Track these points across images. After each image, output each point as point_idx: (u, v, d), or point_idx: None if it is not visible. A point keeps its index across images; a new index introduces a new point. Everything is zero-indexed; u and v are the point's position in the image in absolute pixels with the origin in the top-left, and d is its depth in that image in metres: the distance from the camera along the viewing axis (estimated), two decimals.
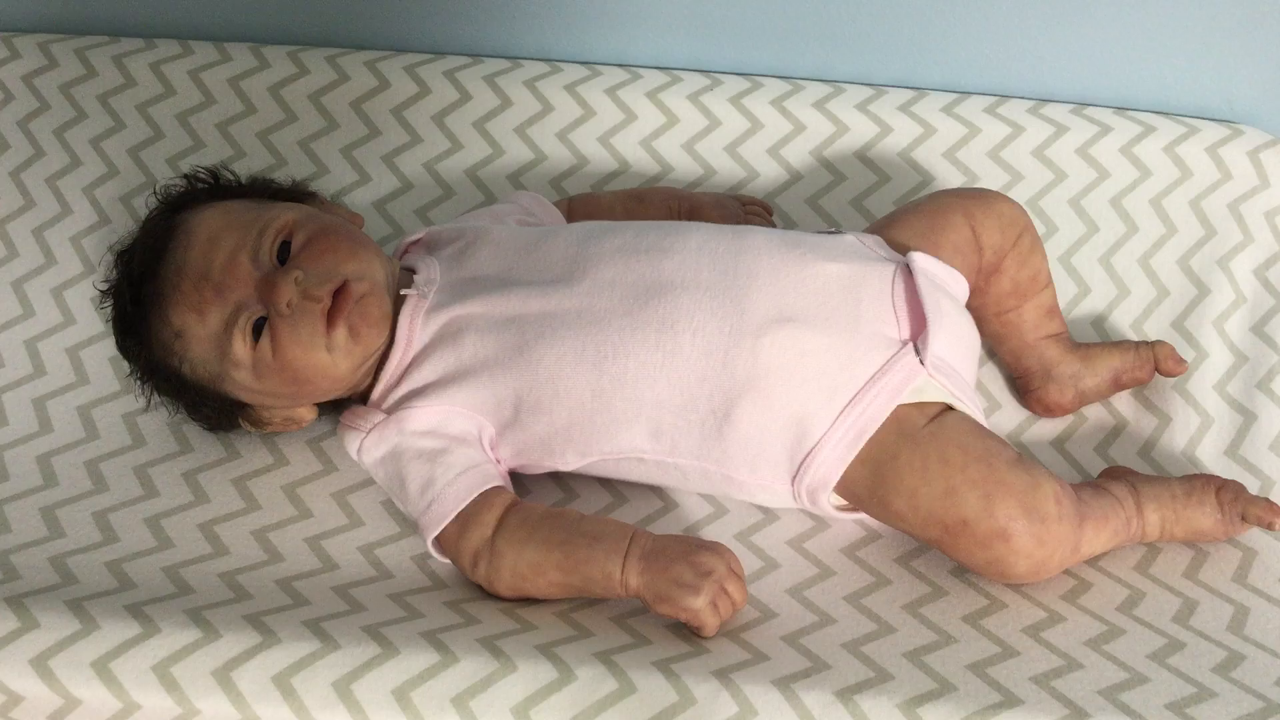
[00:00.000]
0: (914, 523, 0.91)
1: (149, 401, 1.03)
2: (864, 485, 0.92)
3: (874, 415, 0.91)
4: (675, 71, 1.23)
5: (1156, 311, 1.10)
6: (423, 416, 0.94)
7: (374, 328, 0.94)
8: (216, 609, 0.86)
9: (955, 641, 0.87)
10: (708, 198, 1.12)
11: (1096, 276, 1.12)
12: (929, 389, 0.92)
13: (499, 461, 0.96)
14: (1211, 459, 1.03)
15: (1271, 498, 0.99)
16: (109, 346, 1.06)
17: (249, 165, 1.17)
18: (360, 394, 0.99)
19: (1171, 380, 1.06)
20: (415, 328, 0.96)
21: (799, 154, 1.19)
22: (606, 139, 1.19)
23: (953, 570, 0.94)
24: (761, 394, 0.91)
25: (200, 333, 0.94)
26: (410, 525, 0.96)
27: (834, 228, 1.13)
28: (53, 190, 1.17)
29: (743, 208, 1.12)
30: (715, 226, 0.99)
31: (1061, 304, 1.07)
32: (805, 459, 0.92)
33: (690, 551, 0.87)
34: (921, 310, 0.93)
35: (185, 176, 1.05)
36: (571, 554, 0.88)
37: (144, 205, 1.07)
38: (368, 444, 0.95)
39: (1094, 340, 1.09)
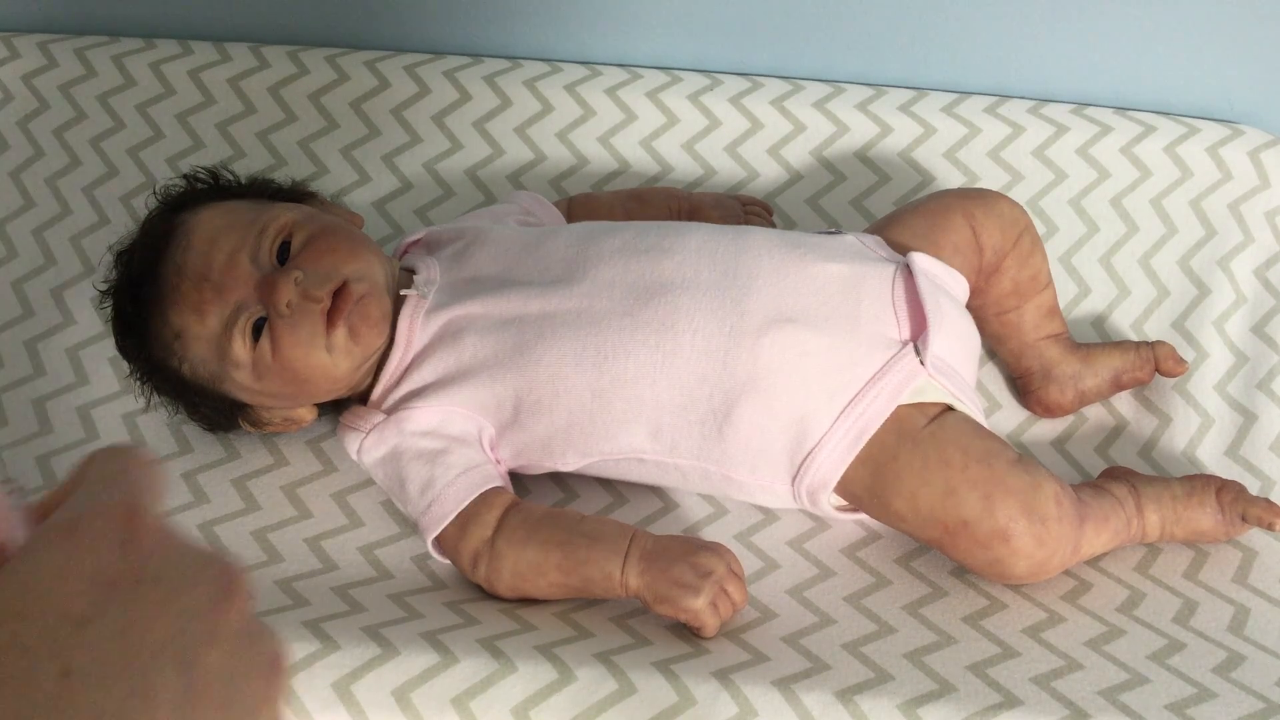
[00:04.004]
0: (914, 523, 0.91)
1: (149, 401, 1.03)
2: (864, 486, 0.92)
3: (874, 416, 0.91)
4: (675, 71, 1.23)
5: (1157, 311, 1.10)
6: (422, 417, 0.94)
7: (374, 328, 0.94)
8: None
9: (955, 642, 0.87)
10: (708, 198, 1.12)
11: (1096, 276, 1.12)
12: (929, 389, 0.92)
13: (499, 462, 0.96)
14: (1212, 459, 1.03)
15: (1272, 498, 0.99)
16: (109, 346, 1.06)
17: (249, 165, 1.17)
18: (360, 394, 0.99)
19: (1172, 380, 1.06)
20: (415, 328, 0.96)
21: (799, 154, 1.19)
22: (606, 139, 1.19)
23: (953, 571, 0.94)
24: (761, 394, 0.91)
25: (200, 333, 0.94)
26: (410, 526, 0.96)
27: (834, 228, 1.13)
28: (52, 190, 1.17)
29: (743, 208, 1.12)
30: (715, 227, 0.99)
31: (1061, 304, 1.07)
32: (805, 459, 0.92)
33: (690, 552, 0.87)
34: (922, 310, 0.93)
35: (185, 176, 1.04)
36: (571, 554, 0.88)
37: (144, 205, 1.07)
38: (367, 444, 0.95)
39: (1094, 340, 1.08)
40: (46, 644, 0.37)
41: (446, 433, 0.94)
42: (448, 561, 0.93)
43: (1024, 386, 1.06)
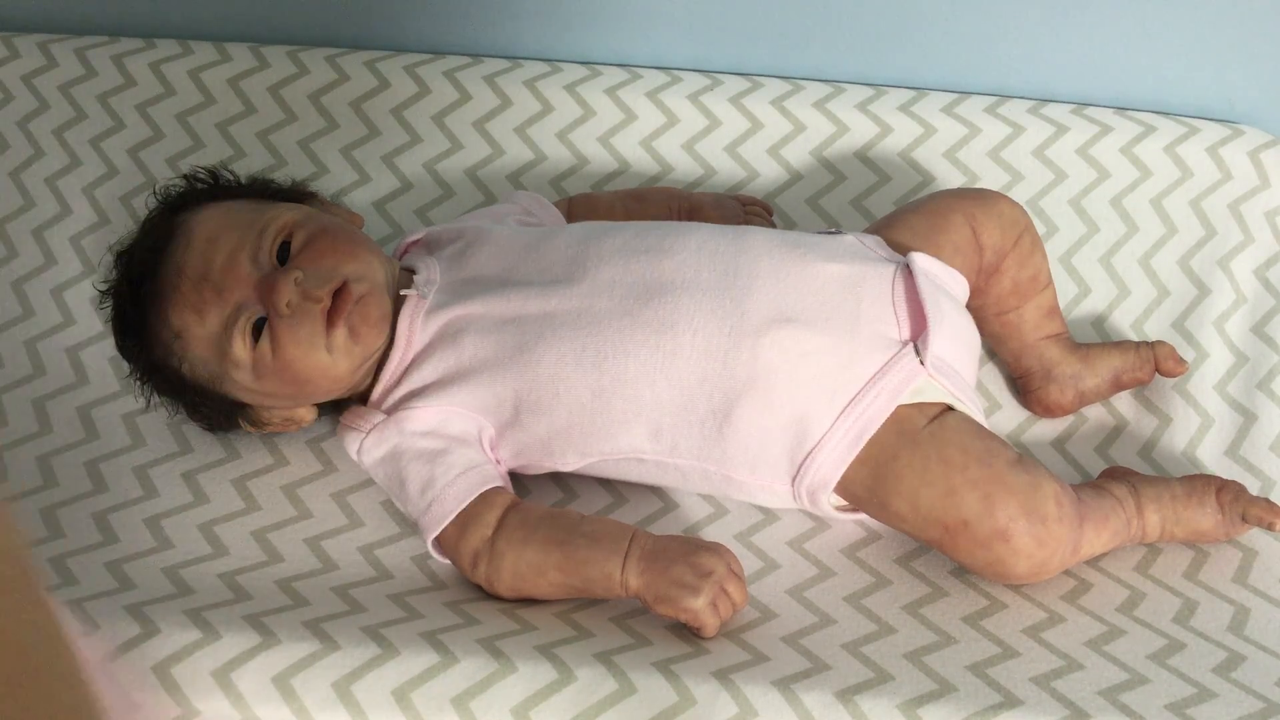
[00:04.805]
0: (914, 523, 0.91)
1: (149, 401, 1.03)
2: (864, 486, 0.92)
3: (874, 416, 0.91)
4: (675, 71, 1.23)
5: (1156, 311, 1.10)
6: (422, 417, 0.94)
7: (374, 328, 0.94)
8: (216, 609, 0.86)
9: (955, 642, 0.87)
10: (708, 198, 1.12)
11: (1096, 276, 1.12)
12: (929, 389, 0.92)
13: (499, 462, 0.96)
14: (1212, 459, 1.03)
15: (1272, 498, 0.99)
16: (109, 346, 1.06)
17: (249, 165, 1.17)
18: (360, 394, 0.99)
19: (1172, 380, 1.06)
20: (415, 328, 0.96)
21: (799, 154, 1.19)
22: (606, 139, 1.19)
23: (953, 571, 0.94)
24: (761, 394, 0.91)
25: (200, 333, 0.94)
26: (410, 526, 0.96)
27: (834, 228, 1.13)
28: (53, 190, 1.17)
29: (743, 208, 1.12)
30: (715, 227, 0.99)
31: (1062, 304, 1.07)
32: (805, 459, 0.92)
33: (690, 552, 0.87)
34: (922, 310, 0.93)
35: (185, 176, 1.04)
36: (571, 554, 0.88)
37: (144, 205, 1.07)
38: (367, 444, 0.95)
39: (1094, 340, 1.08)
40: None
41: (446, 433, 0.94)
42: (448, 561, 0.93)
43: (1024, 386, 1.06)
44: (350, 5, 1.25)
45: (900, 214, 1.02)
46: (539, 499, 0.98)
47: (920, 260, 0.95)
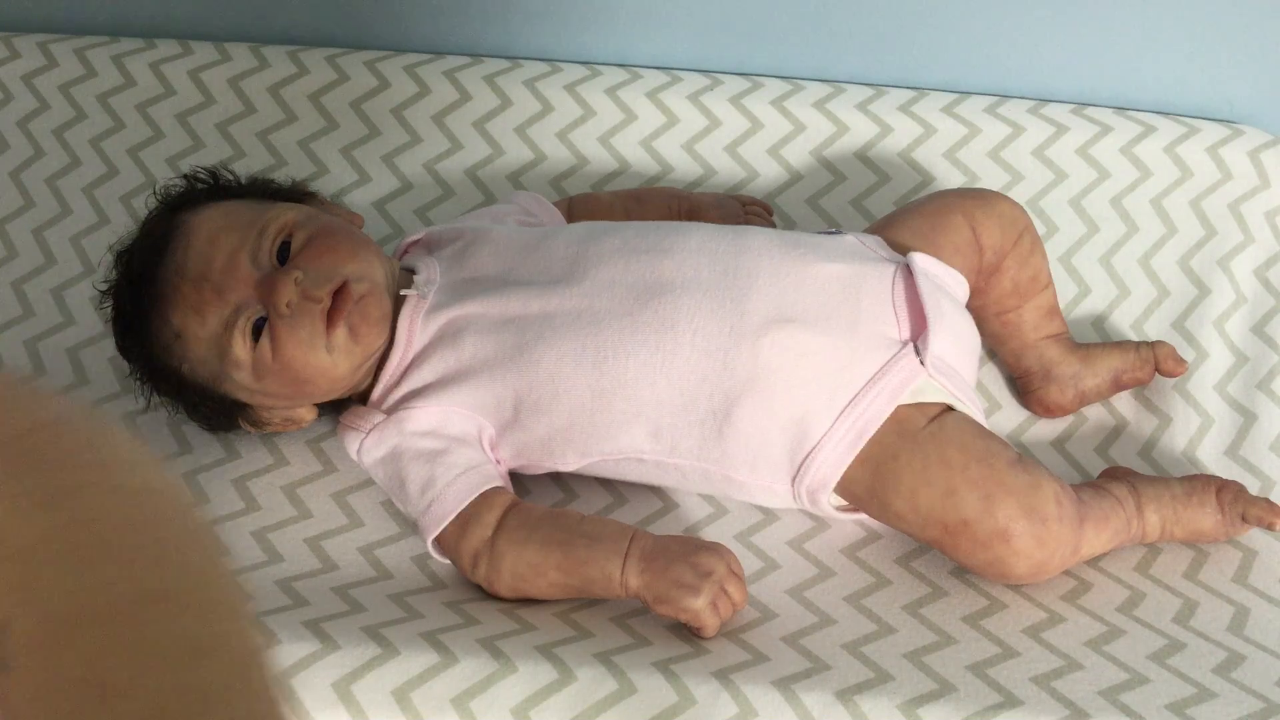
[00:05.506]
0: (914, 523, 0.91)
1: (149, 401, 1.03)
2: (864, 486, 0.92)
3: (874, 416, 0.91)
4: (675, 71, 1.23)
5: (1156, 311, 1.10)
6: (422, 417, 0.94)
7: (374, 328, 0.94)
8: None
9: (955, 642, 0.87)
10: (708, 198, 1.12)
11: (1096, 276, 1.12)
12: (929, 389, 0.92)
13: (499, 462, 0.96)
14: (1211, 459, 1.03)
15: (1272, 498, 0.99)
16: (109, 346, 1.06)
17: (249, 165, 1.17)
18: (360, 394, 0.99)
19: (1172, 380, 1.06)
20: (415, 328, 0.96)
21: (799, 154, 1.19)
22: (606, 139, 1.19)
23: (953, 571, 0.94)
24: (761, 394, 0.91)
25: (200, 333, 0.94)
26: (410, 526, 0.96)
27: (834, 228, 1.13)
28: (52, 190, 1.17)
29: (743, 208, 1.12)
30: (715, 227, 0.99)
31: (1062, 304, 1.06)
32: (805, 459, 0.92)
33: (690, 552, 0.87)
34: (922, 311, 0.93)
35: (185, 176, 1.04)
36: (571, 554, 0.88)
37: (144, 205, 1.07)
38: (367, 444, 0.95)
39: (1094, 340, 1.08)
40: None
41: (446, 433, 0.94)
42: (448, 561, 0.93)
43: (1024, 386, 1.05)
44: (350, 5, 1.25)
45: (900, 214, 1.02)
46: (539, 499, 0.98)
47: (920, 260, 0.95)
